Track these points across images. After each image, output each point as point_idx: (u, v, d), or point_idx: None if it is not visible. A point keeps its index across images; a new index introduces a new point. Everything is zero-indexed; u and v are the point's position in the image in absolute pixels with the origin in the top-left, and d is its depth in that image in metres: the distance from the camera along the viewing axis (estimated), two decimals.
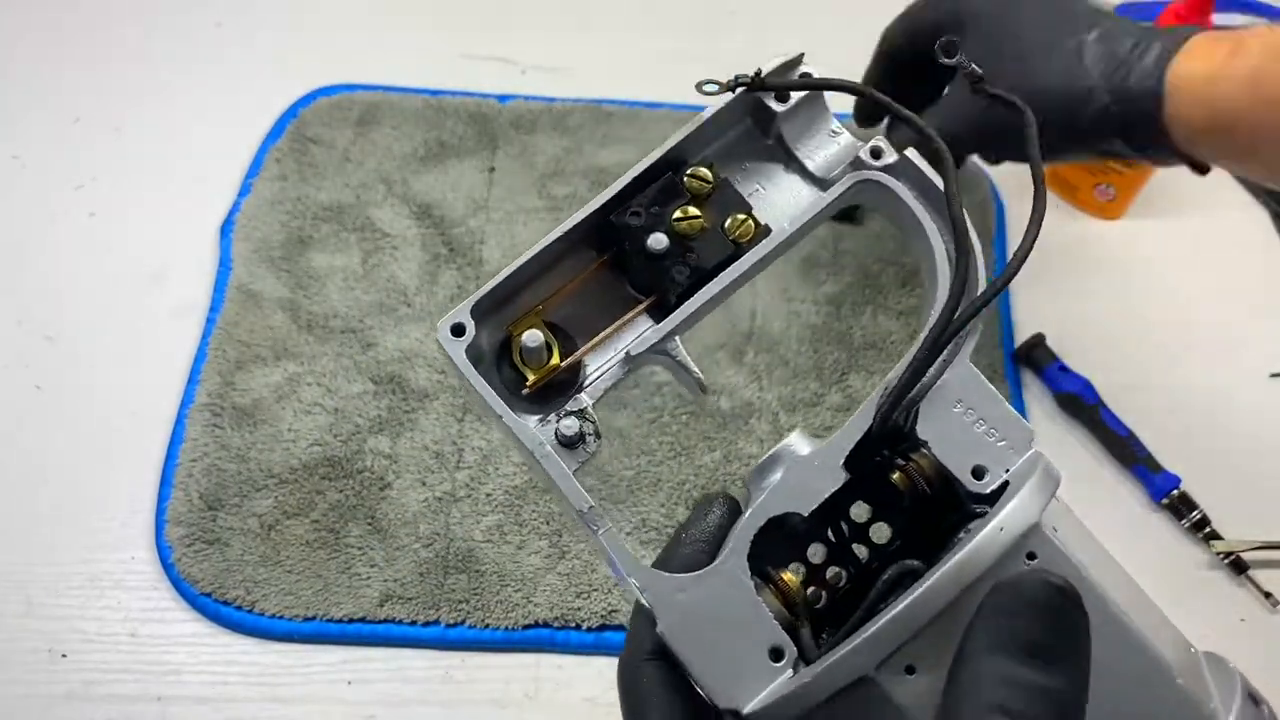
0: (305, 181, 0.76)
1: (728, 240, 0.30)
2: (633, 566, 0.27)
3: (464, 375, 0.29)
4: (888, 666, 0.24)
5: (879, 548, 0.30)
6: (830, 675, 0.25)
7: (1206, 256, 0.79)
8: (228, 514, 0.61)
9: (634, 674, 0.28)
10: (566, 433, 0.29)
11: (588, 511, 0.28)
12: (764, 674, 0.26)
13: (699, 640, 0.26)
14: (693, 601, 0.27)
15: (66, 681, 0.56)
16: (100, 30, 0.87)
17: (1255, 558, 0.62)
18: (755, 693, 0.26)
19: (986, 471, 0.28)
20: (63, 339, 0.69)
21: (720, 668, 0.26)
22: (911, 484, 0.28)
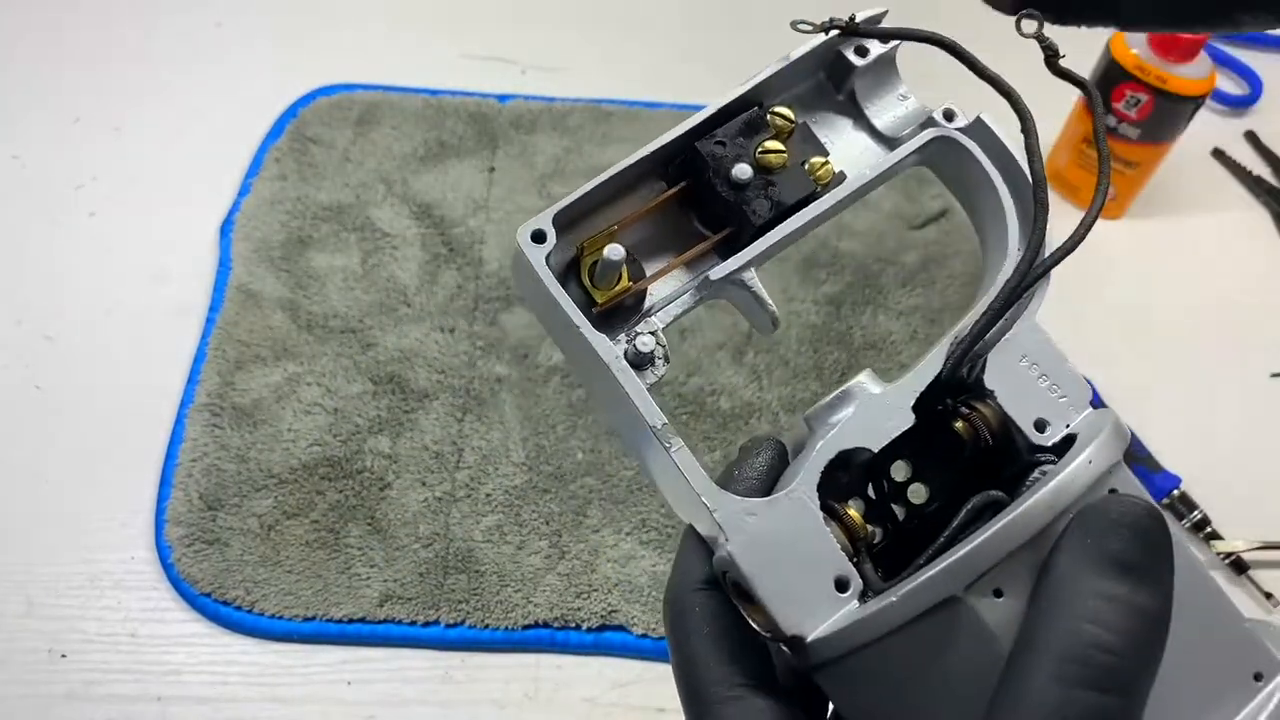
0: (305, 181, 0.76)
1: (808, 179, 0.30)
2: (705, 486, 0.27)
3: (543, 282, 0.28)
4: (976, 588, 0.24)
5: (915, 508, 0.30)
6: (919, 594, 0.24)
7: (1206, 256, 0.79)
8: (227, 514, 0.61)
9: (684, 603, 0.28)
10: (641, 349, 0.28)
11: (661, 428, 0.27)
12: (829, 603, 0.26)
13: (766, 564, 0.26)
14: (762, 526, 0.26)
15: (66, 681, 0.56)
16: (100, 30, 0.87)
17: (1255, 558, 0.62)
18: (819, 621, 0.26)
19: (1049, 425, 0.28)
20: (63, 339, 0.69)
21: (787, 593, 0.26)
22: (975, 432, 0.29)
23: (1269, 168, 0.85)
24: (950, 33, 0.30)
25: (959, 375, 0.29)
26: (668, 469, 0.27)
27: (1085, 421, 0.28)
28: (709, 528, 0.27)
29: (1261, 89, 0.91)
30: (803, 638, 0.26)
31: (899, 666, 0.25)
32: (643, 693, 0.57)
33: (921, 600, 0.24)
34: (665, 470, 0.28)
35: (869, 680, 0.25)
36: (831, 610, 0.26)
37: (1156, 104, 0.73)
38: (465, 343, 0.69)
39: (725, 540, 0.26)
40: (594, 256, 0.29)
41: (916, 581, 0.24)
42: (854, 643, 0.25)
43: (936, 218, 0.78)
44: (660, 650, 0.58)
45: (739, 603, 0.27)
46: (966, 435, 0.29)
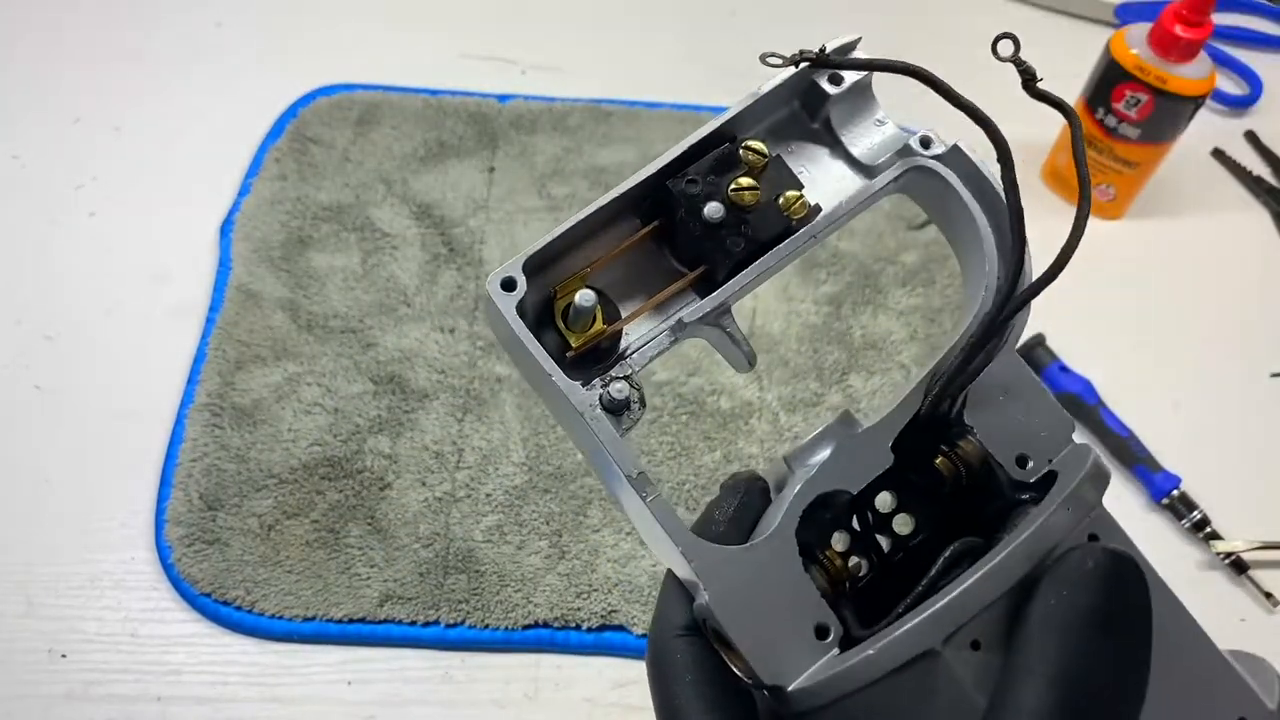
0: (305, 181, 0.76)
1: (782, 215, 0.30)
2: (681, 535, 0.27)
3: (514, 331, 0.28)
4: (954, 641, 0.24)
5: (901, 539, 0.30)
6: (897, 648, 0.24)
7: (1206, 256, 0.79)
8: (227, 514, 0.61)
9: (666, 649, 0.27)
10: (616, 396, 0.28)
11: (637, 477, 0.27)
12: (809, 651, 0.26)
13: (745, 614, 0.26)
14: (740, 574, 0.26)
15: (66, 681, 0.56)
16: (100, 30, 0.87)
17: (1255, 558, 0.62)
18: (800, 669, 0.26)
19: (1030, 460, 0.28)
20: (63, 339, 0.69)
21: (766, 643, 0.26)
22: (955, 470, 0.29)
23: (1269, 168, 0.85)
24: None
25: (939, 412, 0.29)
26: (644, 517, 0.27)
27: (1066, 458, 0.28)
28: (686, 575, 0.27)
29: (1261, 89, 0.91)
30: (782, 688, 0.25)
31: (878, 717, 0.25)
32: (643, 693, 0.57)
33: (899, 654, 0.24)
34: (642, 518, 0.28)
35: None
36: (812, 658, 0.26)
37: (1156, 104, 0.73)
38: (465, 343, 0.69)
39: (703, 590, 0.26)
40: (567, 299, 0.29)
41: (894, 635, 0.24)
42: (833, 694, 0.25)
43: None
44: None
45: (720, 649, 0.27)
46: (947, 473, 0.29)
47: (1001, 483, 0.28)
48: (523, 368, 0.29)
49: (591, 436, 0.28)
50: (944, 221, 0.32)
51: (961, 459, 0.29)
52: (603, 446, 0.27)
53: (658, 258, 0.31)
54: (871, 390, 0.68)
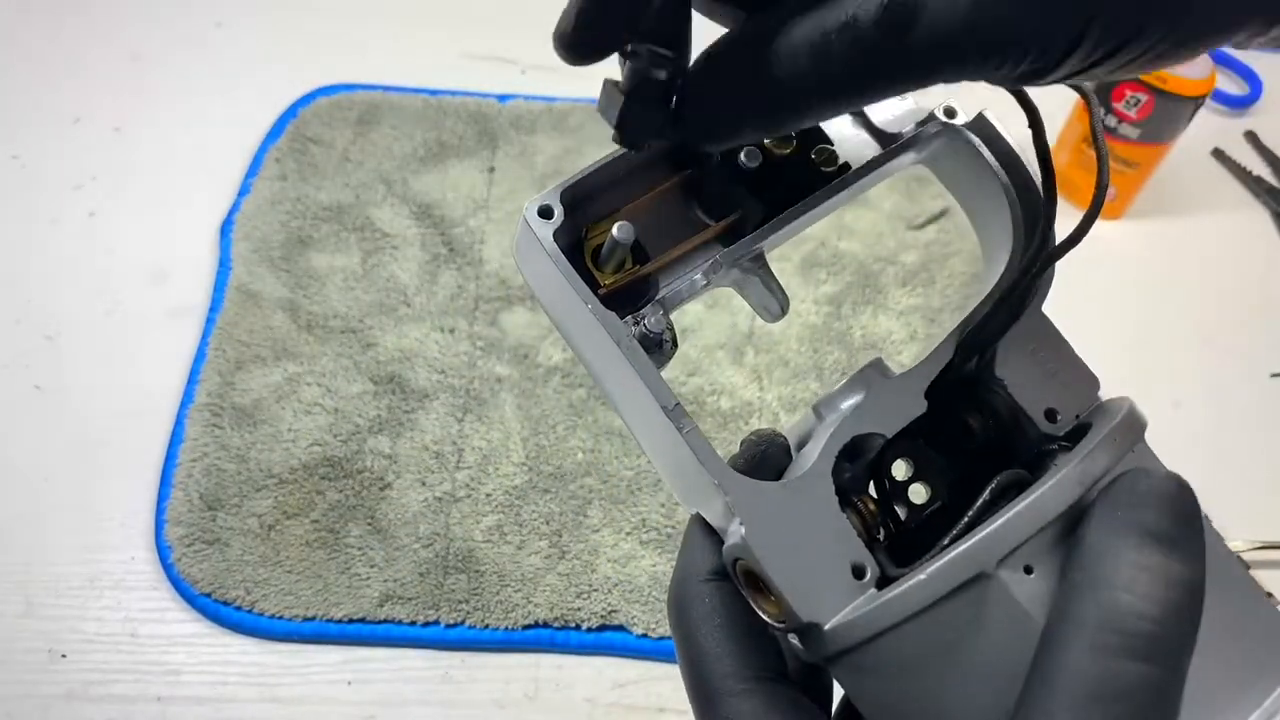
0: (305, 181, 0.76)
1: (814, 167, 0.30)
2: (718, 468, 0.26)
3: (550, 260, 0.27)
4: (1008, 564, 0.23)
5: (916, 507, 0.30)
6: (951, 570, 0.23)
7: (1206, 256, 0.79)
8: (227, 514, 0.61)
9: (690, 595, 0.27)
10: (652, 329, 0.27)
11: (673, 408, 0.26)
12: (846, 590, 0.25)
13: (781, 550, 0.25)
14: (776, 509, 0.26)
15: (66, 682, 0.56)
16: (100, 30, 0.87)
17: (1255, 558, 0.62)
18: (835, 609, 0.25)
19: (1059, 414, 0.28)
20: (63, 339, 0.69)
21: (802, 580, 0.25)
22: (985, 421, 0.28)
23: (1269, 168, 0.85)
24: None
25: (969, 366, 0.28)
26: (678, 452, 0.26)
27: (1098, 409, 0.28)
28: (719, 514, 0.26)
29: (1261, 89, 0.91)
30: (819, 625, 0.25)
31: (924, 650, 0.24)
32: (643, 693, 0.57)
33: (952, 577, 0.23)
34: (675, 454, 0.27)
35: (891, 667, 0.24)
36: (848, 598, 0.25)
37: (1156, 104, 0.73)
38: (465, 343, 0.69)
39: (738, 525, 0.25)
40: (598, 239, 0.28)
41: (946, 558, 0.24)
42: (877, 627, 0.24)
43: (936, 218, 0.78)
44: (661, 650, 0.58)
45: (748, 593, 0.26)
46: (977, 425, 0.28)
47: (1029, 437, 0.28)
48: (552, 303, 0.28)
49: (626, 369, 0.27)
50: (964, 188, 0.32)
51: (991, 411, 0.28)
52: (640, 378, 0.26)
53: (685, 210, 0.30)
54: None
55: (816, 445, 0.27)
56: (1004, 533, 0.24)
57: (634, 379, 0.27)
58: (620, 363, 0.27)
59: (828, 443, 0.27)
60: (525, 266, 0.29)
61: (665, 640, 0.58)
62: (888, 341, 0.70)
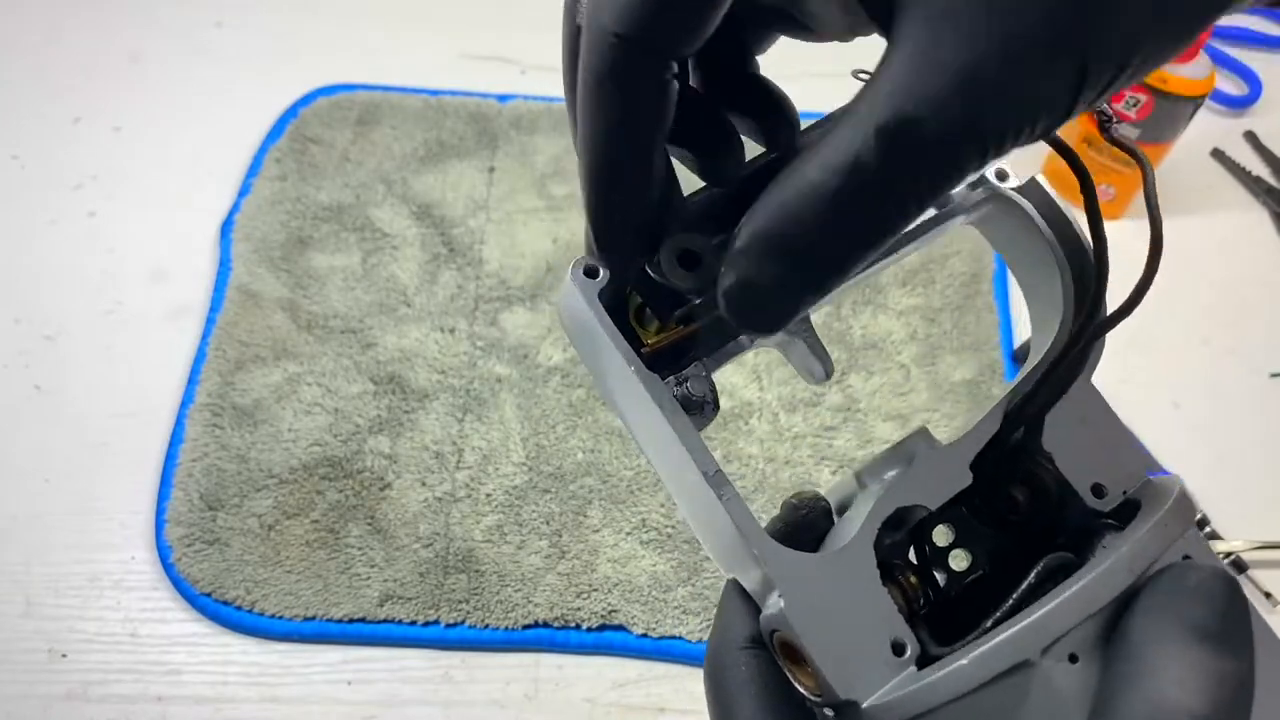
0: (305, 181, 0.76)
1: None
2: (758, 537, 0.25)
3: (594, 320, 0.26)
4: (1052, 653, 0.23)
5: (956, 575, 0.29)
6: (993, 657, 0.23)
7: (1206, 256, 0.79)
8: (227, 514, 0.61)
9: (726, 663, 0.26)
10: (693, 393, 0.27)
11: (714, 475, 0.26)
12: (885, 668, 0.24)
13: (820, 623, 0.24)
14: (815, 581, 0.25)
15: (66, 681, 0.56)
16: (100, 30, 0.87)
17: (1255, 558, 0.62)
18: (874, 687, 0.24)
19: (1106, 490, 0.28)
20: (62, 339, 0.69)
21: (840, 655, 0.24)
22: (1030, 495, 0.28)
23: (1269, 168, 0.85)
24: None
25: (1015, 437, 0.28)
26: (717, 519, 0.26)
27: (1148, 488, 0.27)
28: (757, 583, 0.26)
29: (1261, 89, 0.91)
30: (857, 704, 0.24)
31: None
32: (643, 693, 0.57)
33: (995, 663, 0.23)
34: (714, 521, 0.26)
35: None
36: (887, 676, 0.24)
37: (1156, 104, 0.73)
38: (465, 343, 0.69)
39: (777, 596, 0.25)
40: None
41: (990, 644, 0.23)
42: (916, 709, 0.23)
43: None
44: (661, 650, 0.58)
45: (785, 664, 0.25)
46: (1022, 498, 0.28)
47: (1076, 510, 0.28)
48: (594, 361, 0.28)
49: (668, 432, 0.26)
50: (1014, 252, 0.32)
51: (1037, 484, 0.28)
52: (681, 443, 0.26)
53: None
54: (871, 390, 0.68)
55: (859, 516, 0.27)
56: (1049, 620, 0.23)
57: (675, 442, 0.26)
58: (661, 425, 0.26)
59: (870, 515, 0.26)
60: (567, 323, 0.28)
61: (665, 640, 0.58)
62: (888, 341, 0.70)
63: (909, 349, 0.70)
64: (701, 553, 0.61)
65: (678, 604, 0.59)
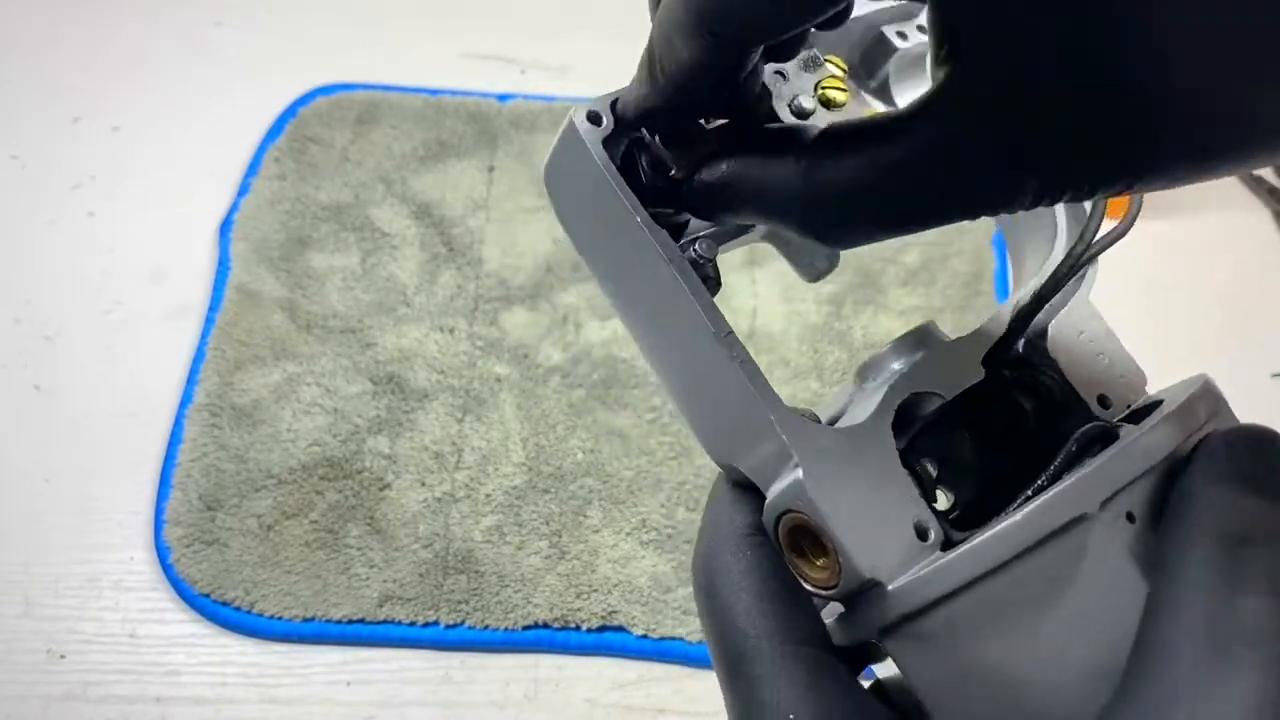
0: (304, 181, 0.76)
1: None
2: (774, 403, 0.23)
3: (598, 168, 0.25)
4: (1111, 508, 0.21)
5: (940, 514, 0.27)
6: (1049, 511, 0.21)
7: (1206, 256, 0.79)
8: (226, 514, 0.61)
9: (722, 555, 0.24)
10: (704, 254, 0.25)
11: (727, 335, 0.24)
12: (908, 551, 0.22)
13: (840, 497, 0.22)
14: (835, 456, 0.23)
15: (65, 682, 0.56)
16: (99, 29, 0.87)
17: None
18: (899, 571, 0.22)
19: (1111, 403, 0.27)
20: (62, 339, 0.69)
21: (863, 532, 0.22)
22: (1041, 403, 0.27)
23: (1269, 168, 0.85)
24: None
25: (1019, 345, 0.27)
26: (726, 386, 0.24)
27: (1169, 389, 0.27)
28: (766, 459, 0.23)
29: None
30: (882, 585, 0.21)
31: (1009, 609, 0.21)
32: (643, 693, 0.57)
33: (1052, 518, 0.21)
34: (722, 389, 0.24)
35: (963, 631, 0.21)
36: (910, 558, 0.22)
37: None
38: (465, 343, 0.69)
39: (794, 465, 0.22)
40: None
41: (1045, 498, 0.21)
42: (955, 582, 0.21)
43: None
44: (661, 650, 0.58)
45: (790, 556, 0.23)
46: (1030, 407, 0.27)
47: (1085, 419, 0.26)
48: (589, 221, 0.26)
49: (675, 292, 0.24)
50: None
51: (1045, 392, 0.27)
52: (693, 300, 0.24)
53: None
54: None
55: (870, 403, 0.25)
56: (1108, 471, 0.21)
57: (685, 303, 0.24)
58: (669, 285, 0.24)
59: (886, 395, 0.24)
60: (561, 179, 0.26)
61: (665, 641, 0.58)
62: (888, 341, 0.70)
63: None
64: None
65: (678, 605, 0.59)
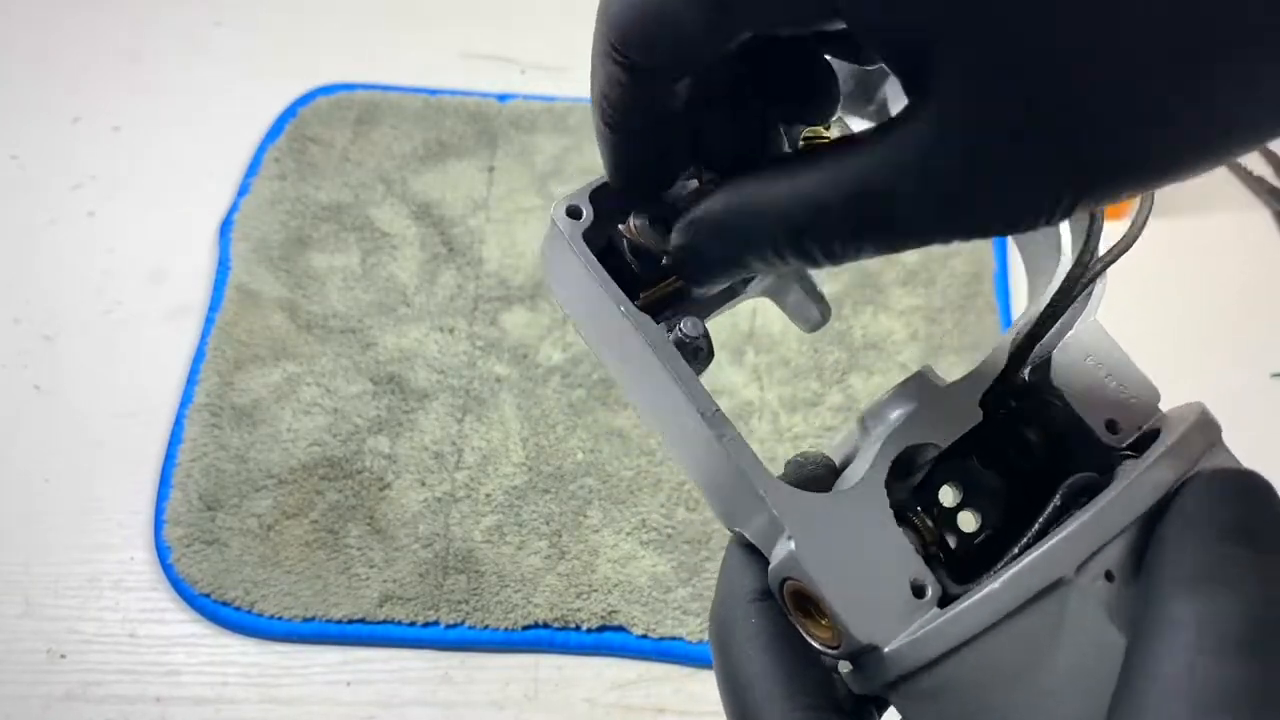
0: (304, 181, 0.76)
1: None
2: (764, 478, 0.24)
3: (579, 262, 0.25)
4: (1088, 570, 0.22)
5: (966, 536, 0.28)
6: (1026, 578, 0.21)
7: (1206, 256, 0.79)
8: (227, 514, 0.61)
9: (733, 618, 0.25)
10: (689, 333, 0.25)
11: (714, 414, 0.24)
12: (905, 610, 0.23)
13: (834, 565, 0.23)
14: (828, 522, 0.23)
15: (65, 682, 0.56)
16: (99, 29, 0.87)
17: None
18: (894, 632, 0.23)
19: (1120, 426, 0.27)
20: (62, 339, 0.69)
21: (858, 598, 0.23)
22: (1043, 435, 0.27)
23: (1269, 168, 0.85)
24: None
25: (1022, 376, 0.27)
26: (719, 463, 0.24)
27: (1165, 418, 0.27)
28: (764, 530, 0.24)
29: None
30: (879, 648, 0.23)
31: (997, 668, 0.22)
32: (643, 693, 0.57)
33: (1029, 584, 0.21)
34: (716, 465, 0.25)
35: (959, 690, 0.22)
36: (908, 618, 0.23)
37: None
38: (465, 343, 0.69)
39: (786, 539, 0.23)
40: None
41: (1021, 564, 0.22)
42: (946, 645, 0.22)
43: None
44: (661, 651, 0.58)
45: (796, 619, 0.24)
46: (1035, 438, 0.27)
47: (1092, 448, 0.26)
48: (582, 310, 0.27)
49: (662, 375, 0.25)
50: None
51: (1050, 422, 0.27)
52: (677, 384, 0.24)
53: None
54: (872, 390, 0.68)
55: (866, 456, 0.25)
56: (1084, 535, 0.22)
57: (671, 386, 0.25)
58: (655, 369, 0.25)
59: (880, 451, 0.25)
60: (552, 272, 0.27)
61: (665, 641, 0.58)
62: (888, 341, 0.70)
63: (910, 349, 0.70)
64: (702, 553, 0.60)
65: (678, 605, 0.59)
